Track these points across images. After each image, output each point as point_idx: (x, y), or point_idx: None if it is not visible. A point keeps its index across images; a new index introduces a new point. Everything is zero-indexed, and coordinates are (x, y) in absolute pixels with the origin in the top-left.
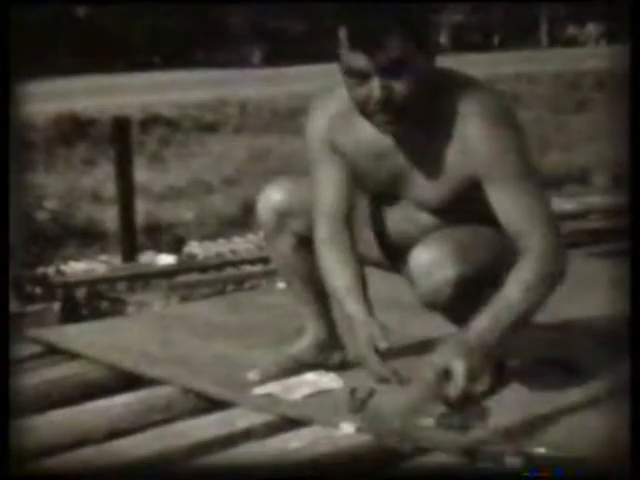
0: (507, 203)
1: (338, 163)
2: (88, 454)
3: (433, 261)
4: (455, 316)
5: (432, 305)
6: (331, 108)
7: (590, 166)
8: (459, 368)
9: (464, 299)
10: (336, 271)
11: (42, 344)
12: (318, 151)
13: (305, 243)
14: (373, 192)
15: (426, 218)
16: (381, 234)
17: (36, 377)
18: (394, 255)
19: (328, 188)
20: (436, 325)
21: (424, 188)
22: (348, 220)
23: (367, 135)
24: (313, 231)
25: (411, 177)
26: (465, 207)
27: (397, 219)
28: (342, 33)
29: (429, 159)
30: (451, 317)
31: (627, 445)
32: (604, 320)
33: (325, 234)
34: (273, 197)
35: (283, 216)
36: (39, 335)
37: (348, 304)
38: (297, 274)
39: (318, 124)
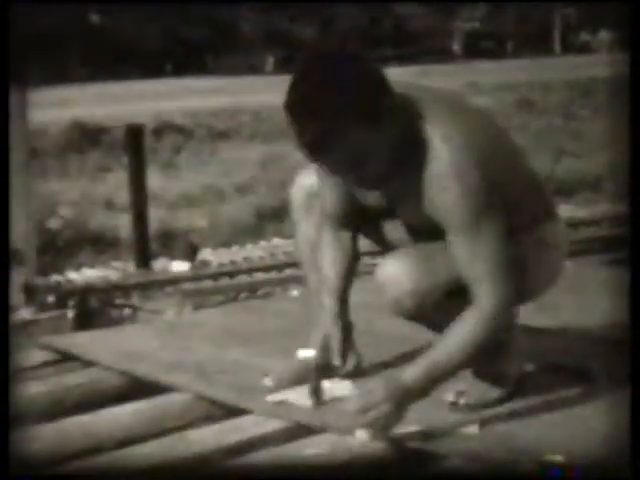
0: (463, 252)
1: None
2: (101, 461)
3: (393, 275)
4: (429, 324)
5: (397, 314)
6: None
7: (603, 173)
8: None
9: (433, 309)
10: (326, 264)
11: (55, 351)
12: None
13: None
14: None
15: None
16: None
17: (50, 384)
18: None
19: (331, 192)
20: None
21: (405, 216)
22: (349, 219)
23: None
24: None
25: (396, 206)
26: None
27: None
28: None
29: (405, 197)
30: (426, 325)
31: (627, 445)
32: (615, 327)
33: (327, 233)
34: (304, 182)
35: (312, 197)
36: (52, 342)
37: (325, 297)
38: (316, 265)
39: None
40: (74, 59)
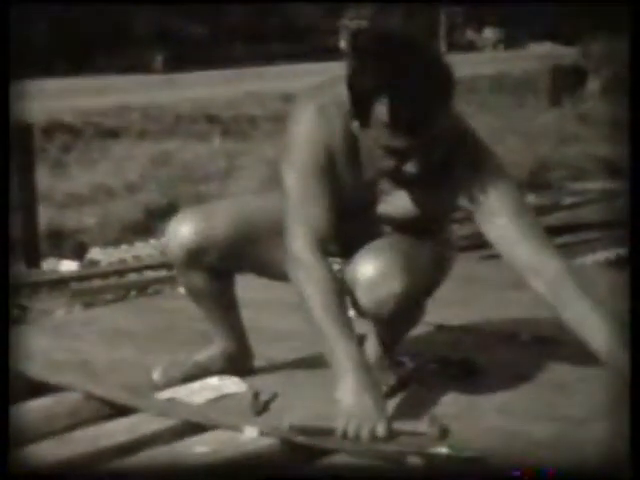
0: (516, 230)
1: (331, 177)
2: None
3: (380, 274)
4: (390, 328)
5: (374, 317)
6: (331, 114)
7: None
8: None
9: (403, 312)
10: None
11: None
12: (314, 159)
13: (218, 273)
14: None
15: (376, 227)
16: None
17: None
18: None
19: (320, 207)
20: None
21: (394, 206)
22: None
23: (363, 152)
24: (229, 262)
25: (387, 195)
26: (418, 224)
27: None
28: (380, 109)
29: (413, 185)
30: (386, 329)
31: (627, 446)
32: (509, 320)
33: (309, 259)
34: (183, 233)
35: (195, 253)
36: None
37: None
38: (210, 301)
39: (319, 128)
40: None
